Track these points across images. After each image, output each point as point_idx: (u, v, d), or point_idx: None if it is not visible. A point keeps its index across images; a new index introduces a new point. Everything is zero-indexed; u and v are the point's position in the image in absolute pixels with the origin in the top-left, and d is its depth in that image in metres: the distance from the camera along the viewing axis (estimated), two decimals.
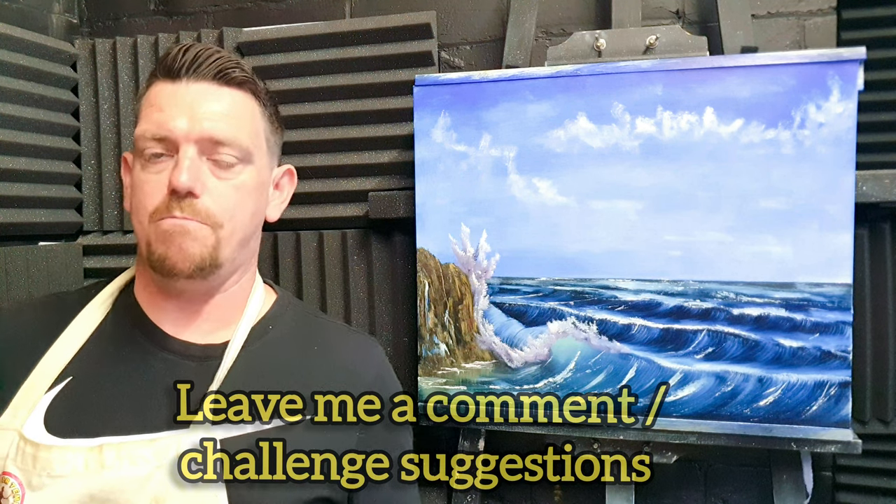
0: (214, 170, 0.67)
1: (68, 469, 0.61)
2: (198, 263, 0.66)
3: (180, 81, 0.67)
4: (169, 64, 0.67)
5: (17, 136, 1.15)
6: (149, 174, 0.66)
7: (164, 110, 0.65)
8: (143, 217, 0.66)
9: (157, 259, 0.65)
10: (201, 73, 0.67)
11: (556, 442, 1.11)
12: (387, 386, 0.79)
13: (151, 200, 0.65)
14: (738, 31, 1.07)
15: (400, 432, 0.79)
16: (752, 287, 1.00)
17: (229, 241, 0.68)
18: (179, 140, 0.65)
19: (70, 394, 0.66)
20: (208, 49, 0.68)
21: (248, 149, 0.69)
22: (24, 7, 1.29)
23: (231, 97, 0.69)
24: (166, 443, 0.63)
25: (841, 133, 0.95)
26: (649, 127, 1.02)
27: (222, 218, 0.67)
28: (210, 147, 0.66)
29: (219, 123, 0.66)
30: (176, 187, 0.63)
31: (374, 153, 1.24)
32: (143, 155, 0.66)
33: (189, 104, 0.66)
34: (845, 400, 0.97)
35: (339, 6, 1.34)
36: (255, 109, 0.72)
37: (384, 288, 1.24)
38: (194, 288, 0.70)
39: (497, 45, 1.26)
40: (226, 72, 0.68)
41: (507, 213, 1.08)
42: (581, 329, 1.07)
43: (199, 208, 0.65)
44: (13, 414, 0.64)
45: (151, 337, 0.70)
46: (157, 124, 0.65)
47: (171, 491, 0.62)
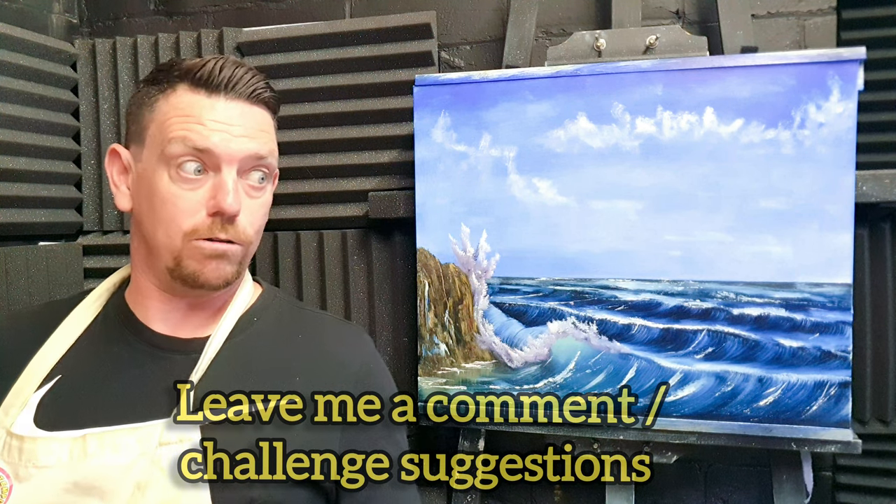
0: (248, 190, 0.69)
1: (53, 459, 0.62)
2: (228, 280, 0.69)
3: (218, 97, 0.67)
4: (206, 78, 0.67)
5: (17, 136, 1.15)
6: (182, 190, 0.65)
7: (206, 124, 0.65)
8: (173, 232, 0.66)
9: (190, 274, 0.67)
10: (238, 92, 0.68)
11: (556, 442, 1.11)
12: (374, 375, 0.79)
13: (188, 219, 0.65)
14: (738, 31, 1.07)
15: (392, 426, 0.79)
16: (752, 287, 1.00)
17: (251, 254, 0.73)
18: (222, 157, 0.65)
19: (59, 391, 0.67)
20: (241, 66, 0.69)
21: (275, 166, 0.73)
22: (24, 7, 1.29)
23: (262, 116, 0.71)
24: (148, 431, 0.64)
25: (841, 133, 0.95)
26: (649, 127, 1.02)
27: (253, 237, 0.71)
28: (249, 163, 0.68)
29: (255, 139, 0.68)
30: (227, 212, 0.65)
31: (374, 153, 1.24)
32: (173, 163, 0.65)
33: (229, 122, 0.66)
34: (845, 400, 0.97)
35: (339, 6, 1.34)
36: (272, 124, 0.74)
37: (384, 288, 1.24)
38: (207, 295, 0.72)
39: (497, 45, 1.26)
40: (259, 92, 0.69)
41: (507, 213, 1.08)
42: (581, 329, 1.07)
43: (239, 230, 0.68)
44: (4, 412, 0.66)
45: (140, 335, 0.71)
46: (199, 136, 0.65)
47: (155, 477, 0.63)
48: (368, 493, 0.73)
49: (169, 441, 0.64)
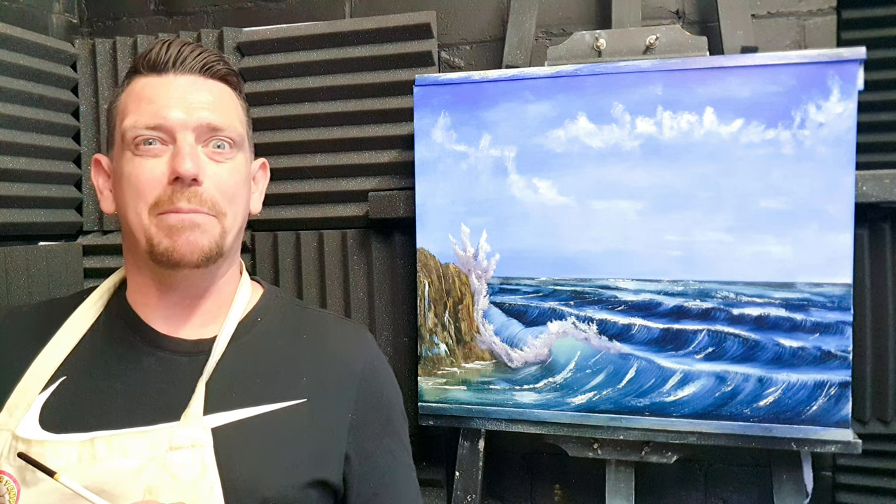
0: (211, 155, 0.68)
1: (62, 463, 0.61)
2: (206, 253, 0.67)
3: (167, 74, 0.67)
4: (154, 59, 0.68)
5: (17, 136, 1.15)
6: (143, 161, 0.65)
7: (156, 101, 0.66)
8: (140, 209, 0.65)
9: (164, 252, 0.65)
10: (187, 67, 0.68)
11: (556, 442, 1.11)
12: (378, 373, 0.79)
13: (150, 191, 0.65)
14: (738, 31, 1.07)
15: (393, 416, 0.79)
16: (752, 287, 1.00)
17: (232, 229, 0.70)
18: (176, 128, 0.65)
19: (64, 392, 0.67)
20: (189, 44, 0.69)
21: (241, 133, 0.72)
22: (24, 7, 1.29)
23: (218, 88, 0.70)
24: (158, 435, 0.64)
25: (841, 133, 0.95)
26: (649, 127, 1.02)
27: (225, 206, 0.68)
28: (206, 134, 0.67)
29: (213, 111, 0.68)
30: (182, 174, 0.64)
31: (374, 153, 1.24)
32: (131, 144, 0.66)
33: (181, 94, 0.67)
34: (845, 400, 0.97)
35: (339, 6, 1.34)
36: (238, 102, 0.74)
37: (384, 288, 1.24)
38: (194, 280, 0.71)
39: (497, 45, 1.26)
40: (210, 65, 0.69)
41: (507, 213, 1.08)
42: (581, 329, 1.07)
43: (204, 197, 0.66)
44: (9, 414, 0.65)
45: (143, 335, 0.71)
46: (150, 114, 0.65)
47: (165, 480, 0.62)
48: (375, 491, 0.74)
49: (180, 445, 0.63)
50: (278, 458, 0.67)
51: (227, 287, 0.75)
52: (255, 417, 0.68)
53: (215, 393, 0.67)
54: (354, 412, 0.73)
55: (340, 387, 0.74)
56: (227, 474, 0.63)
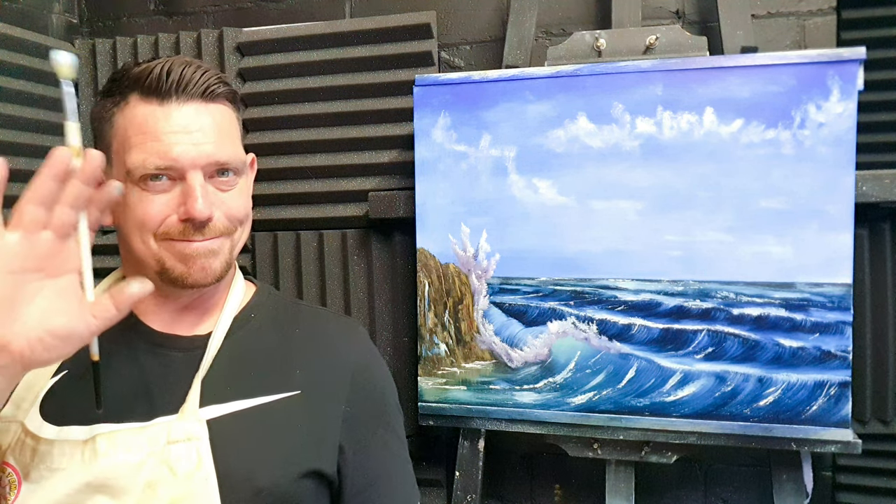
0: (218, 186, 0.69)
1: (66, 462, 0.63)
2: (219, 275, 0.70)
3: (169, 103, 0.66)
4: (155, 85, 0.66)
5: (18, 136, 1.15)
6: (151, 196, 0.65)
7: (162, 139, 0.64)
8: (147, 238, 0.67)
9: (178, 277, 0.68)
10: (190, 93, 0.67)
11: (556, 442, 1.11)
12: (371, 365, 0.80)
13: (156, 220, 0.65)
14: (738, 31, 1.07)
15: (387, 408, 0.80)
16: (752, 287, 1.00)
17: (239, 242, 0.73)
18: (185, 167, 0.65)
19: (65, 385, 0.69)
20: (189, 65, 0.68)
21: (244, 160, 0.73)
22: (24, 7, 1.29)
23: (220, 113, 0.70)
24: (157, 430, 0.65)
25: (841, 133, 0.95)
26: (649, 127, 1.02)
27: (234, 227, 0.71)
28: (213, 169, 0.68)
29: (218, 145, 0.67)
30: (195, 217, 0.65)
31: (374, 153, 1.24)
32: (137, 179, 0.65)
33: (185, 129, 0.66)
34: (845, 400, 0.97)
35: (339, 6, 1.34)
36: (234, 117, 0.73)
37: (384, 288, 1.24)
38: (199, 290, 0.72)
39: (497, 45, 1.26)
40: (212, 88, 0.68)
41: (507, 213, 1.08)
42: (581, 329, 1.07)
43: (217, 227, 0.68)
44: (16, 406, 0.67)
45: (140, 333, 0.72)
46: (158, 154, 0.64)
47: (164, 474, 0.64)
48: (370, 482, 0.74)
49: (177, 439, 0.65)
50: (272, 449, 0.68)
51: (222, 285, 0.76)
52: (250, 409, 0.69)
53: (211, 387, 0.68)
54: (348, 404, 0.74)
55: (334, 379, 0.75)
56: (222, 466, 0.64)
